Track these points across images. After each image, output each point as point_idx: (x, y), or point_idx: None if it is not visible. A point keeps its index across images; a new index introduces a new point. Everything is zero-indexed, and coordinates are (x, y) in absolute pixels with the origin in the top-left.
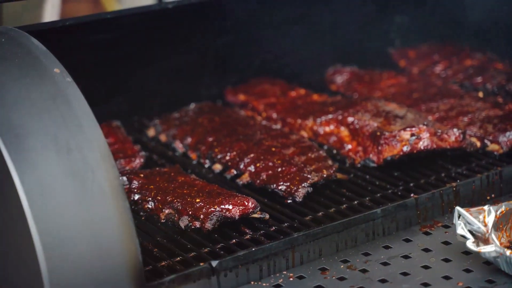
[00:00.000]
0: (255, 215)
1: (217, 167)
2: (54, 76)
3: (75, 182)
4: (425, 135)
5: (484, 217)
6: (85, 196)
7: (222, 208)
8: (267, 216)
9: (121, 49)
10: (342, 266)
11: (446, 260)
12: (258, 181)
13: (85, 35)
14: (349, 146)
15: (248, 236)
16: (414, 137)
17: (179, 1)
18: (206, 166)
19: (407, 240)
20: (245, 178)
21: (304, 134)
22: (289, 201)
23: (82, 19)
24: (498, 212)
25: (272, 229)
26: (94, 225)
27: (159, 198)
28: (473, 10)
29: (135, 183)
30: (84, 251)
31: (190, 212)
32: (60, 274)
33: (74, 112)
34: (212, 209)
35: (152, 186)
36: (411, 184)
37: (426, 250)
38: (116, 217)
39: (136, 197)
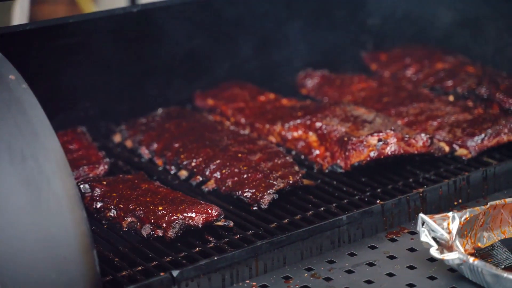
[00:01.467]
0: (219, 223)
1: (183, 173)
2: (9, 83)
3: (30, 191)
4: (392, 140)
5: (448, 224)
6: (41, 206)
7: (185, 216)
8: (231, 223)
9: (87, 53)
10: (306, 275)
11: (411, 267)
12: (223, 188)
13: (49, 40)
14: (317, 152)
15: (211, 245)
16: (381, 143)
17: (143, 5)
18: (172, 172)
19: (373, 247)
20: (211, 185)
21: (273, 139)
22: (254, 208)
23: (43, 23)
24: (462, 219)
25: (236, 237)
26: (50, 236)
27: (122, 206)
28: (445, 13)
29: (98, 191)
30: (39, 262)
31: (152, 221)
32: (14, 287)
33: (29, 120)
34: (174, 217)
35: (114, 194)
36: (379, 190)
37: (391, 257)
38: (73, 227)
39: (99, 205)
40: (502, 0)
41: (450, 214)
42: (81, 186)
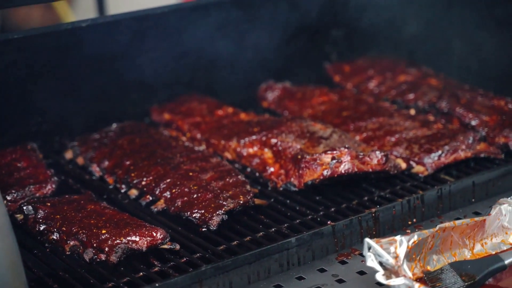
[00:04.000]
0: (165, 246)
1: (133, 192)
2: None
3: None
4: (346, 158)
5: (395, 248)
6: None
7: (128, 240)
8: (178, 246)
9: (38, 67)
10: None
11: None
12: (172, 208)
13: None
14: (272, 169)
15: (156, 269)
16: (334, 161)
17: (93, 19)
18: (122, 191)
19: (322, 270)
20: (160, 205)
21: (228, 155)
22: (203, 229)
23: None
24: (410, 242)
25: (182, 261)
26: None
27: (65, 229)
28: (410, 23)
29: (41, 213)
30: None
31: (95, 244)
32: None
33: None
34: (117, 241)
35: (58, 216)
36: (332, 209)
37: (340, 281)
38: (2, 257)
39: (42, 227)
40: (467, 10)
41: (397, 238)
42: (24, 207)
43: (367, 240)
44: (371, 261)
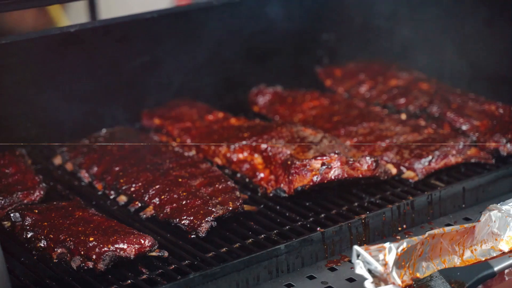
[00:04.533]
0: (153, 253)
1: (122, 198)
2: None
3: None
4: (336, 164)
5: (384, 255)
6: None
7: (116, 248)
8: (166, 254)
9: (27, 72)
10: None
11: None
12: (161, 215)
13: None
14: (262, 175)
15: (144, 276)
16: (324, 167)
17: (81, 24)
18: (112, 197)
19: (311, 277)
20: (149, 211)
21: (218, 161)
22: (192, 236)
23: None
24: (399, 250)
25: (171, 268)
26: None
27: (52, 237)
28: (401, 27)
29: (29, 220)
30: None
31: (82, 252)
32: None
33: None
34: (105, 248)
35: (46, 223)
36: (322, 215)
37: None
38: None
39: (29, 234)
40: (460, 14)
41: (386, 245)
42: (12, 214)
43: (355, 247)
44: (359, 269)
